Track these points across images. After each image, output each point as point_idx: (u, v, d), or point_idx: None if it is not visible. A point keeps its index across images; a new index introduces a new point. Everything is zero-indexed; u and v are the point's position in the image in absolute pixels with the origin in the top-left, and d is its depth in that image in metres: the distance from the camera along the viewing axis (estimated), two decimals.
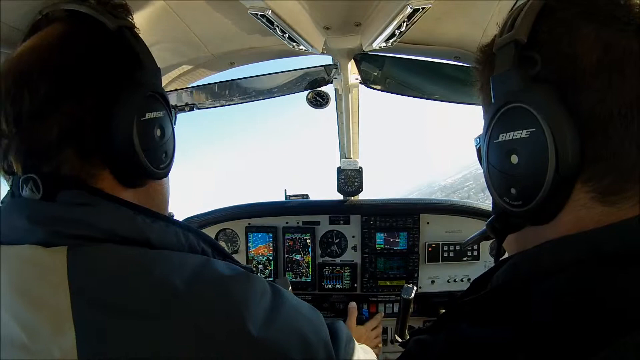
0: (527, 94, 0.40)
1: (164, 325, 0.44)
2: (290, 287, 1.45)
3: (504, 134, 0.42)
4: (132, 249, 0.47)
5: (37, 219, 0.47)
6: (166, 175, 0.60)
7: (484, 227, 0.53)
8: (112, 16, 0.54)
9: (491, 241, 1.72)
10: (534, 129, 0.39)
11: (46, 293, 0.44)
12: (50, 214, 0.47)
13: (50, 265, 0.44)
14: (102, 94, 0.50)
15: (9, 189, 0.51)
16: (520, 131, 0.40)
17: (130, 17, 0.59)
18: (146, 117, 0.53)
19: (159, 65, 0.60)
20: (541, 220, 0.42)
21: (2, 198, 0.53)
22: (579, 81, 0.37)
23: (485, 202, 1.89)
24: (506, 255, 0.49)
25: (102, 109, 0.50)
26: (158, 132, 0.56)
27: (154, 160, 0.55)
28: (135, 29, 0.57)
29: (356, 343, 0.65)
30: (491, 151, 0.45)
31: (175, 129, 0.62)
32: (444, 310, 1.64)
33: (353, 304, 1.49)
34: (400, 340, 1.28)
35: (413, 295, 1.30)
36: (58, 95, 0.48)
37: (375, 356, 0.78)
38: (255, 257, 1.79)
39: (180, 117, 1.43)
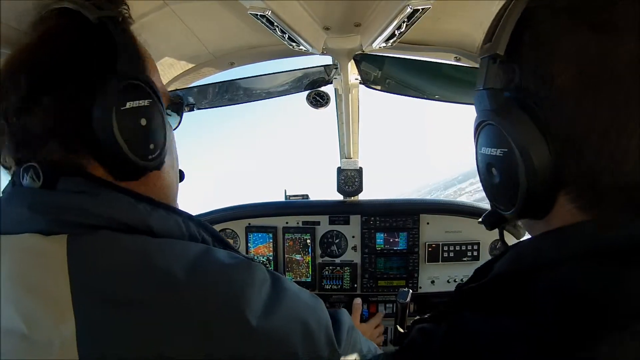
0: (500, 114, 0.40)
1: (164, 315, 0.43)
2: None
3: (485, 148, 0.44)
4: (132, 237, 0.47)
5: (38, 207, 0.47)
6: (157, 167, 0.57)
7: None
8: (95, 8, 0.53)
9: (492, 241, 1.73)
10: (506, 150, 0.40)
11: (46, 282, 0.44)
12: (51, 202, 0.47)
13: (50, 254, 0.44)
14: (80, 86, 0.50)
15: (10, 178, 0.52)
16: (496, 149, 0.42)
17: (124, 6, 0.57)
18: (127, 107, 0.51)
19: (158, 65, 0.60)
20: (531, 219, 0.44)
21: (3, 188, 0.53)
22: (554, 101, 0.37)
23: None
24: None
25: (82, 100, 0.49)
26: (143, 122, 0.53)
27: (139, 151, 0.52)
28: (121, 19, 0.55)
29: (359, 331, 0.65)
30: (479, 159, 0.47)
31: (167, 119, 0.59)
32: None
33: (358, 301, 1.48)
34: (401, 331, 1.28)
35: (409, 299, 1.30)
36: (38, 89, 0.49)
37: (377, 347, 0.78)
38: (255, 257, 1.79)
39: None
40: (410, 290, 1.31)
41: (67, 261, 0.44)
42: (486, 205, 1.68)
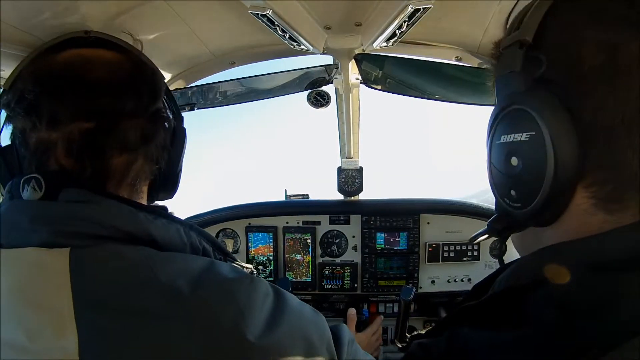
0: (529, 96, 0.39)
1: (167, 329, 0.43)
2: (290, 287, 1.44)
3: (506, 136, 0.42)
4: (135, 249, 0.47)
5: (40, 218, 0.47)
6: None
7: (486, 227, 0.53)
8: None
9: (492, 241, 1.72)
10: (533, 133, 0.38)
11: (48, 296, 0.44)
12: (53, 212, 0.47)
13: (52, 268, 0.44)
14: (169, 118, 0.62)
15: (6, 192, 0.52)
16: (521, 134, 0.40)
17: None
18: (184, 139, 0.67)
19: (158, 65, 0.63)
20: (542, 223, 0.42)
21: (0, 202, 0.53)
22: (582, 87, 0.36)
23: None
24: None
25: (172, 129, 0.63)
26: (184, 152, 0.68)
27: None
28: None
29: (358, 345, 0.65)
30: (493, 151, 0.44)
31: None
32: (444, 313, 1.63)
33: (352, 311, 1.48)
34: (400, 345, 1.28)
35: (412, 296, 1.30)
36: (149, 103, 0.57)
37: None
38: (256, 257, 1.79)
39: None
40: (414, 288, 1.30)
41: (70, 275, 0.44)
42: (486, 205, 1.68)
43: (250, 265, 0.60)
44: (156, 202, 0.66)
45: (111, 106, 0.52)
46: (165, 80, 1.18)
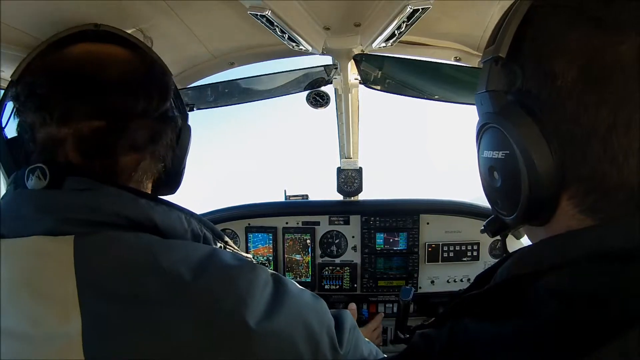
0: (502, 116, 0.40)
1: (169, 315, 0.44)
2: None
3: (487, 151, 0.43)
4: (137, 235, 0.48)
5: (45, 207, 0.47)
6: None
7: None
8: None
9: (491, 241, 1.73)
10: (508, 152, 0.40)
11: (53, 283, 0.44)
12: (57, 200, 0.48)
13: (56, 256, 0.45)
14: (176, 117, 0.63)
15: (9, 183, 0.52)
16: (498, 152, 0.41)
17: None
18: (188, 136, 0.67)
19: None
20: (533, 224, 0.43)
21: (2, 194, 0.53)
22: (556, 101, 0.36)
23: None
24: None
25: (178, 127, 0.63)
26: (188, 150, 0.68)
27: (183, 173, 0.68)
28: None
29: (360, 332, 0.65)
30: (480, 163, 0.46)
31: None
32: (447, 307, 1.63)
33: (353, 306, 1.48)
34: (402, 336, 1.27)
35: (411, 297, 1.30)
36: (158, 104, 0.57)
37: (378, 348, 0.78)
38: (255, 258, 1.79)
39: None
40: (413, 288, 1.30)
41: (74, 262, 0.44)
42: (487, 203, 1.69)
43: (249, 255, 0.61)
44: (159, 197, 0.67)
45: (123, 106, 0.53)
46: None
